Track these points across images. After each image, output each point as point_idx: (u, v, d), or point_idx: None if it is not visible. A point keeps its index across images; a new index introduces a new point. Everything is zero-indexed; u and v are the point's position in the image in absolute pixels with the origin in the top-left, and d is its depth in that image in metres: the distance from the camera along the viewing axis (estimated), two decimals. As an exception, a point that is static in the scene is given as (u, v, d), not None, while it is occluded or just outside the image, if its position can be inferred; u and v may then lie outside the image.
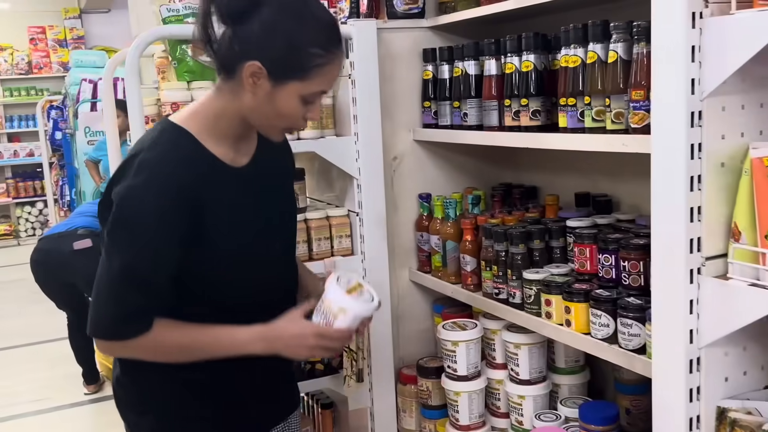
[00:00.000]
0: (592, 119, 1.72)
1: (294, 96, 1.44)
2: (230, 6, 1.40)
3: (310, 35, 1.42)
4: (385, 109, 2.37)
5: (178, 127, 1.50)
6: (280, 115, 1.47)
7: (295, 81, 1.43)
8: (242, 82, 1.43)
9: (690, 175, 1.29)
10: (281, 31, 1.41)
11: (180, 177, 1.42)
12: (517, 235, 2.00)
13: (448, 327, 2.17)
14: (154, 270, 1.43)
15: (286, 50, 1.41)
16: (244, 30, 1.41)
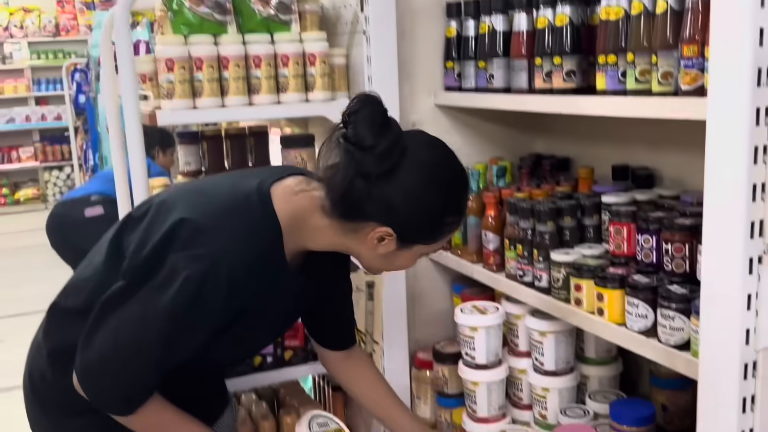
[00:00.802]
0: (635, 80, 1.49)
1: (415, 255, 1.42)
2: (374, 167, 1.28)
3: (450, 206, 1.39)
4: (403, 69, 2.16)
5: (272, 214, 1.35)
6: (392, 264, 1.44)
7: (423, 244, 1.40)
8: (363, 234, 1.35)
9: (754, 145, 1.07)
10: (422, 200, 1.33)
11: (245, 282, 1.32)
12: (544, 211, 1.79)
13: (467, 311, 1.97)
14: (185, 354, 1.36)
15: (423, 221, 1.36)
16: (382, 190, 1.30)
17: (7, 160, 9.42)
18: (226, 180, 1.47)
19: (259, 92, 1.98)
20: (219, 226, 1.31)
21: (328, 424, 1.52)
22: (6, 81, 9.27)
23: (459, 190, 1.41)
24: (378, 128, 1.28)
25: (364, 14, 2.06)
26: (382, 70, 2.08)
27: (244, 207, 1.35)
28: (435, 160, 1.36)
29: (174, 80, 1.88)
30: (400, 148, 1.30)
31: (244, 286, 1.32)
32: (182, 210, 1.33)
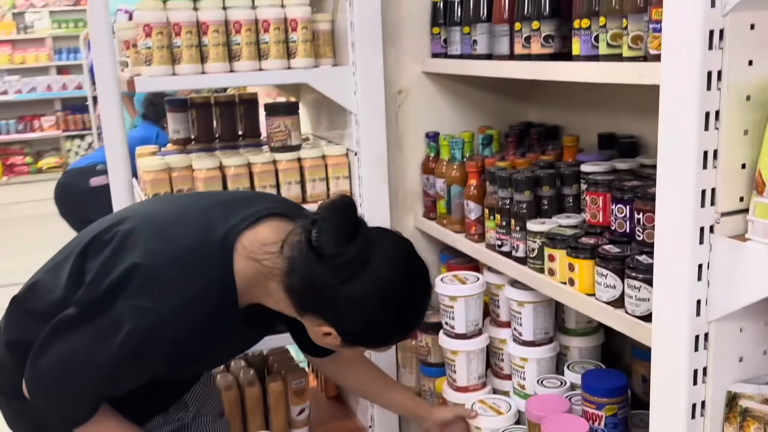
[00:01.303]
0: (606, 44, 1.45)
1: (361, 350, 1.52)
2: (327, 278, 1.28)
3: (400, 324, 1.40)
4: (389, 35, 2.13)
5: (230, 274, 1.32)
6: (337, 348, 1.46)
7: (370, 348, 1.50)
8: (312, 322, 1.36)
9: (704, 111, 1.03)
10: (371, 318, 1.33)
11: (193, 341, 1.33)
12: (522, 180, 1.76)
13: (447, 280, 1.96)
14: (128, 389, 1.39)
15: (369, 334, 1.38)
16: (333, 294, 1.29)
17: (29, 129, 9.53)
18: (196, 220, 1.40)
19: (240, 59, 1.97)
20: (173, 279, 1.29)
21: None
22: (28, 50, 9.34)
23: (412, 310, 1.40)
24: (342, 241, 1.26)
25: (347, -22, 2.03)
26: (366, 36, 2.05)
27: (203, 262, 1.31)
28: (395, 278, 1.33)
29: (152, 46, 1.87)
30: (360, 261, 1.28)
31: (188, 344, 1.32)
32: (142, 251, 1.32)
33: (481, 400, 1.90)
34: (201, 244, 1.33)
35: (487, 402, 1.88)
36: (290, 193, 2.11)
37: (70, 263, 1.42)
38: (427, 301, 1.43)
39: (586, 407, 1.65)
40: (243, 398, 2.23)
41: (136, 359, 1.31)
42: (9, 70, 9.30)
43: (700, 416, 1.15)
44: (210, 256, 1.32)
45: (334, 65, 2.12)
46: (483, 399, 1.90)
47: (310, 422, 2.33)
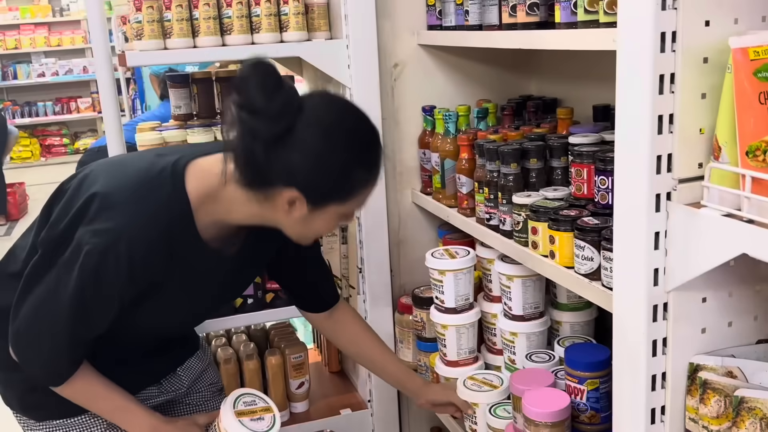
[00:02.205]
0: (584, 11, 1.42)
1: (333, 217, 1.39)
2: (267, 130, 1.26)
3: (355, 161, 1.35)
4: (384, 7, 2.11)
5: (182, 190, 1.35)
6: (314, 230, 1.43)
7: (336, 204, 1.36)
8: (274, 201, 1.33)
9: (659, 74, 1.00)
10: (326, 157, 1.30)
11: (153, 254, 1.33)
12: (508, 152, 1.73)
13: (437, 255, 1.95)
14: (101, 326, 1.40)
15: (330, 179, 1.33)
16: (280, 152, 1.28)
17: (66, 110, 9.73)
18: (149, 155, 1.46)
19: (232, 32, 1.97)
20: (126, 201, 1.32)
21: (255, 402, 1.52)
22: (64, 33, 9.50)
23: (363, 144, 1.37)
24: (268, 91, 1.25)
25: (339, -50, 2.01)
26: (359, 9, 2.03)
27: (155, 183, 1.35)
28: (334, 116, 1.34)
29: (142, 20, 1.89)
30: (294, 108, 1.27)
31: (146, 263, 1.33)
32: (99, 184, 1.35)
33: (471, 376, 1.89)
34: (152, 169, 1.37)
35: (477, 378, 1.87)
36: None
37: (37, 218, 1.47)
38: (377, 137, 1.40)
39: (569, 381, 1.63)
40: (242, 372, 2.26)
41: (98, 283, 1.31)
42: (45, 52, 9.48)
43: (660, 388, 1.13)
44: (161, 178, 1.35)
45: (329, 38, 2.11)
46: (473, 375, 1.90)
47: (310, 396, 2.35)
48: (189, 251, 1.40)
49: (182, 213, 1.36)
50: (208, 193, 1.37)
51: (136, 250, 1.30)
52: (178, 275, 1.41)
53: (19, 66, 9.44)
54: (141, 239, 1.31)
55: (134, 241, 1.30)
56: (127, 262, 1.30)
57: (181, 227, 1.36)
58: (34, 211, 7.18)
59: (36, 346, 1.39)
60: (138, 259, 1.31)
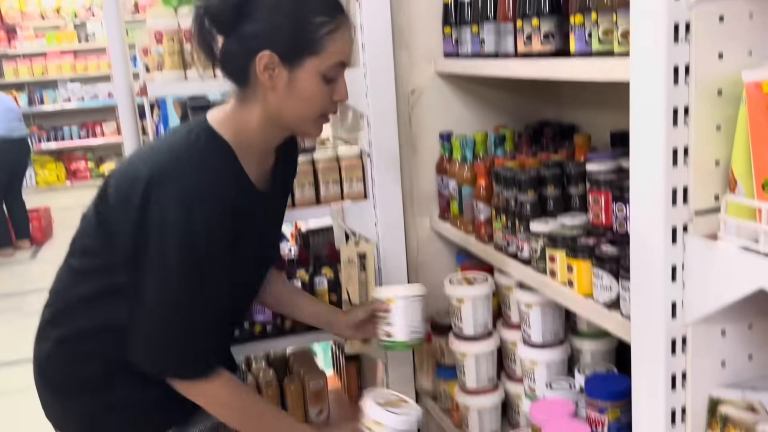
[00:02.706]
0: (598, 40, 1.42)
1: (314, 75, 1.39)
2: (219, 13, 1.37)
3: (310, 4, 1.38)
4: (401, 37, 2.13)
5: (218, 137, 1.43)
6: (307, 101, 1.41)
7: (310, 57, 1.38)
8: (259, 82, 1.39)
9: (673, 106, 1.00)
10: (279, 9, 1.36)
11: (226, 205, 1.39)
12: (525, 180, 1.73)
13: (455, 281, 1.95)
14: (223, 292, 1.43)
15: (291, 27, 1.36)
16: (242, 29, 1.37)
17: (91, 134, 9.88)
18: (165, 135, 1.53)
19: (251, 63, 1.99)
20: (177, 168, 1.37)
21: (389, 397, 1.56)
22: (89, 59, 9.68)
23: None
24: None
25: (356, -19, 2.04)
26: (376, 38, 2.06)
27: (191, 142, 1.41)
28: None
29: (163, 52, 1.92)
30: None
31: (225, 208, 1.38)
32: (144, 173, 1.38)
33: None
34: (181, 135, 1.43)
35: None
36: (304, 194, 2.13)
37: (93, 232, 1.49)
38: None
39: (590, 411, 1.61)
40: (261, 398, 2.26)
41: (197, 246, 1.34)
42: (72, 78, 9.65)
43: (681, 422, 1.12)
44: (193, 136, 1.41)
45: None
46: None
47: (330, 423, 2.34)
48: (245, 196, 1.45)
49: (227, 154, 1.42)
50: (234, 129, 1.44)
51: (214, 200, 1.35)
52: (244, 222, 1.45)
53: (46, 92, 9.62)
54: (213, 191, 1.36)
55: (209, 194, 1.35)
56: (212, 211, 1.35)
57: (232, 167, 1.42)
58: (59, 235, 7.28)
59: (174, 343, 1.39)
60: (217, 207, 1.36)
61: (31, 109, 9.57)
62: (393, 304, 1.72)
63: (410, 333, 1.71)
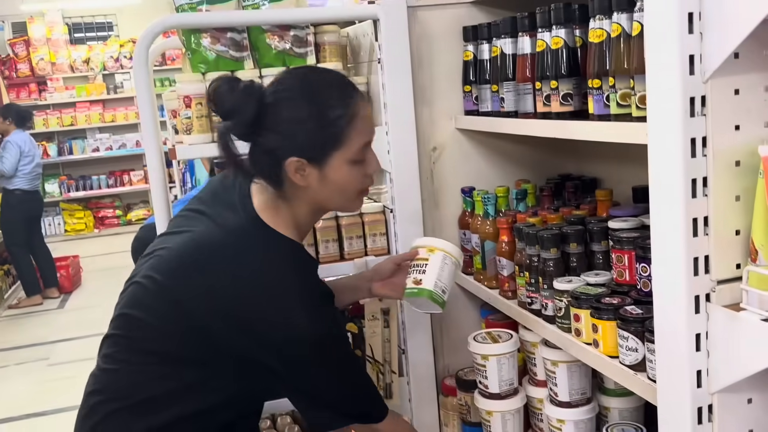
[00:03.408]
0: (617, 104, 1.44)
1: (343, 164, 1.44)
2: (239, 131, 1.42)
3: (323, 103, 1.42)
4: (422, 95, 2.17)
5: (290, 241, 1.49)
6: (343, 187, 1.47)
7: (336, 151, 1.43)
8: (294, 182, 1.44)
9: (691, 178, 1.01)
10: (294, 117, 1.41)
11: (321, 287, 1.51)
12: (548, 237, 1.74)
13: (480, 339, 1.95)
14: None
15: (310, 131, 1.41)
16: (264, 141, 1.42)
17: (119, 183, 10.05)
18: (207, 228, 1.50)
19: (275, 124, 2.04)
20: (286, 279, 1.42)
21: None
22: (117, 109, 9.90)
23: (324, 87, 1.45)
24: (230, 94, 1.40)
25: (378, 42, 2.09)
26: (397, 97, 2.10)
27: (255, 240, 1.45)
28: (293, 82, 1.46)
29: (192, 116, 1.97)
30: (256, 92, 1.40)
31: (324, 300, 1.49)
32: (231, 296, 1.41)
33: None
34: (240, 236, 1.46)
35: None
36: (328, 251, 2.16)
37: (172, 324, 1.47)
38: (337, 77, 1.50)
39: (619, 473, 1.59)
40: (286, 455, 2.25)
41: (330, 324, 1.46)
42: (100, 128, 9.88)
43: (710, 492, 1.10)
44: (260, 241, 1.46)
45: (369, 126, 2.17)
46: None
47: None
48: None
49: (292, 245, 1.49)
50: (286, 224, 1.49)
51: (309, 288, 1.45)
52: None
53: (75, 141, 9.84)
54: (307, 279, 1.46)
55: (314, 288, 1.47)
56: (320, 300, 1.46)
57: (298, 249, 1.51)
58: (87, 283, 7.37)
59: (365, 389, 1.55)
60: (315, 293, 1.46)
61: (60, 159, 9.79)
62: (433, 255, 1.70)
63: (438, 287, 1.69)
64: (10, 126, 6.65)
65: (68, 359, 5.18)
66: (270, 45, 2.07)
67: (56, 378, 4.91)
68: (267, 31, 2.06)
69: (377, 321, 2.07)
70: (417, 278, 1.68)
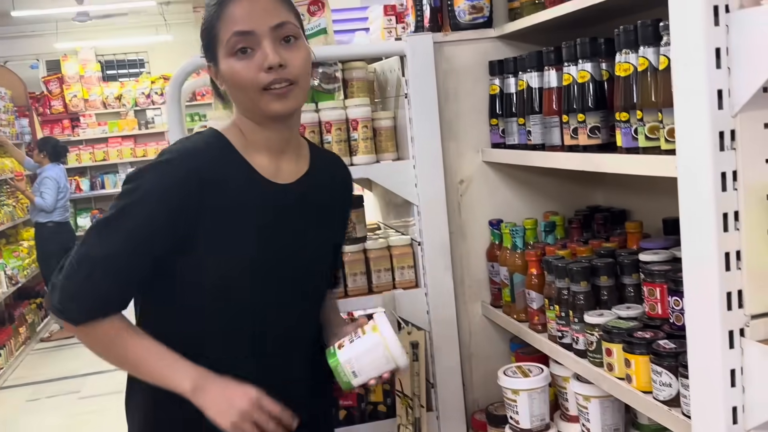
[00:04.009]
0: (645, 137, 1.44)
1: (225, 59, 1.39)
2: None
3: (207, 5, 1.42)
4: (449, 129, 2.18)
5: (218, 132, 1.45)
6: (237, 83, 1.39)
7: (218, 48, 1.40)
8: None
9: (722, 212, 1.01)
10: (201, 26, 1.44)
11: (199, 166, 1.35)
12: (577, 270, 1.73)
13: (510, 373, 1.93)
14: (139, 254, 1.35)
15: (202, 35, 1.44)
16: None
17: (149, 216, 10.16)
18: None
19: (304, 159, 2.07)
20: (173, 147, 1.41)
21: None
22: (149, 144, 10.06)
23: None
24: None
25: (404, 78, 2.11)
26: (424, 131, 2.11)
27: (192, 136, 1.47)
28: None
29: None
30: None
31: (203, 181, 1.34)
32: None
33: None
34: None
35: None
36: (356, 284, 2.16)
37: None
38: None
39: None
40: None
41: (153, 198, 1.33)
42: (131, 162, 10.02)
43: None
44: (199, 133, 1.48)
45: (396, 159, 2.19)
46: None
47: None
48: (249, 181, 1.41)
49: (223, 142, 1.42)
50: (233, 131, 1.45)
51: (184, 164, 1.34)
52: (241, 209, 1.39)
53: (107, 176, 9.99)
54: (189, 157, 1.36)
55: (183, 158, 1.35)
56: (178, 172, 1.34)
57: (226, 149, 1.41)
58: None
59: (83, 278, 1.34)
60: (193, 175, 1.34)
61: (92, 193, 9.95)
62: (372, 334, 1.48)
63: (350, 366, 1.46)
64: (44, 159, 6.80)
65: (99, 392, 5.21)
66: (298, 82, 2.10)
67: (87, 411, 4.95)
68: (296, 68, 2.09)
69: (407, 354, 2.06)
70: (342, 343, 1.49)
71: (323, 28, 2.15)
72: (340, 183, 1.64)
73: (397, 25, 2.54)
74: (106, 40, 10.09)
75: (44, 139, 7.24)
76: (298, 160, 1.51)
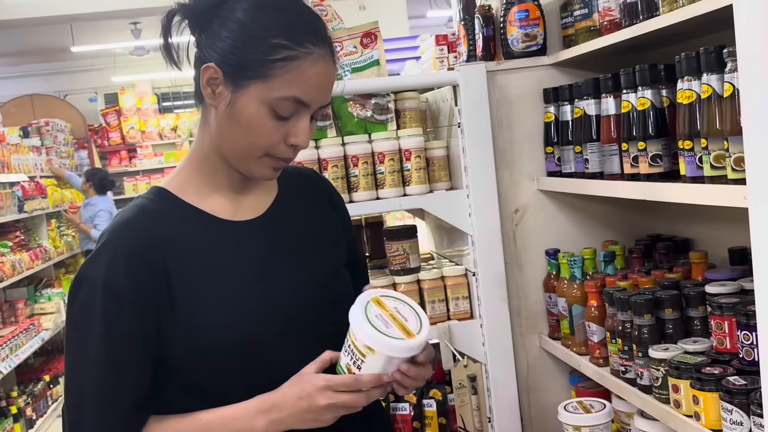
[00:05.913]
0: (710, 166, 1.39)
1: (258, 103, 1.17)
2: (194, 9, 1.21)
3: (271, 22, 1.17)
4: (503, 157, 2.16)
5: (156, 187, 1.29)
6: (246, 130, 1.18)
7: (256, 82, 1.16)
8: (207, 105, 1.22)
9: (800, 245, 0.96)
10: (236, 20, 1.17)
11: (133, 242, 1.19)
12: (641, 303, 1.68)
13: (570, 408, 1.87)
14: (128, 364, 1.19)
15: (241, 41, 1.17)
16: (206, 34, 1.21)
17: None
18: None
19: (358, 189, 2.07)
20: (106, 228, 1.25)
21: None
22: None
23: (285, 8, 1.20)
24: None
25: (458, 107, 2.10)
26: (478, 160, 2.09)
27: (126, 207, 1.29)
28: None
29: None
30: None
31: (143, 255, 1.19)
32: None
33: None
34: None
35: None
36: (411, 316, 2.13)
37: None
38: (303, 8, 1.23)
39: None
40: None
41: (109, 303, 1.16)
42: (186, 191, 10.22)
43: None
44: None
45: (449, 189, 2.17)
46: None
47: None
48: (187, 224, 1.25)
49: (161, 195, 1.27)
50: (181, 169, 1.29)
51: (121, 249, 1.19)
52: (193, 262, 1.22)
53: (163, 205, 10.20)
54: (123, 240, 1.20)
55: (117, 242, 1.20)
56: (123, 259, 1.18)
57: (165, 205, 1.26)
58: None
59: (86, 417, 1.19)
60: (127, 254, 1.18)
61: (149, 222, 10.14)
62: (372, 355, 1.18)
63: None
64: (90, 189, 6.83)
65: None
66: (352, 113, 2.11)
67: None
68: (349, 100, 2.10)
69: (464, 389, 2.03)
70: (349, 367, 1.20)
71: (376, 59, 2.16)
72: (320, 199, 1.42)
73: (449, 54, 2.54)
74: (162, 73, 10.36)
75: (93, 171, 7.32)
76: (264, 190, 1.34)
